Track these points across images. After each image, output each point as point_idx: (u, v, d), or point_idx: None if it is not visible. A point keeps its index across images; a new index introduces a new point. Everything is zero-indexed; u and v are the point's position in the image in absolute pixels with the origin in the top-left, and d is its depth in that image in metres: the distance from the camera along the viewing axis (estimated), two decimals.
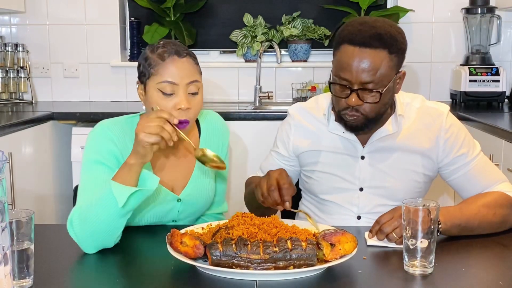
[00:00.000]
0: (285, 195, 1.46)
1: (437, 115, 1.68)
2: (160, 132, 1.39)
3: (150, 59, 1.53)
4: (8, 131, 2.68)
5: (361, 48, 1.51)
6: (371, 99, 1.55)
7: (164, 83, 1.51)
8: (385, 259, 1.38)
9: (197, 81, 1.55)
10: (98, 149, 1.54)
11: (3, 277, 0.92)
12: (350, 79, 1.53)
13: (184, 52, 1.54)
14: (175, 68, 1.51)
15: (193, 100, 1.54)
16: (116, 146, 1.56)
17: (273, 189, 1.46)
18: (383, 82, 1.54)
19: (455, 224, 1.47)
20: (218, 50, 3.85)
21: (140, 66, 1.56)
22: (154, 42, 1.63)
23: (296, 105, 1.81)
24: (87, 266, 1.34)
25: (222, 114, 3.15)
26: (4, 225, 0.91)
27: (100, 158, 1.52)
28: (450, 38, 3.65)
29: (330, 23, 3.70)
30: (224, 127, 1.80)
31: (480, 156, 1.67)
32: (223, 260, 1.21)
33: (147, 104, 1.56)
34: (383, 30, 1.52)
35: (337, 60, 1.56)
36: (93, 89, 3.73)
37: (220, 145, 1.76)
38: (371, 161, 1.69)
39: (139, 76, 1.57)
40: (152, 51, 1.54)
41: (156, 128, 1.38)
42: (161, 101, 1.51)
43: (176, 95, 1.51)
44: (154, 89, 1.52)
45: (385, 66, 1.52)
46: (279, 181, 1.47)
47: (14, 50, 3.59)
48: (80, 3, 3.67)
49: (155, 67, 1.52)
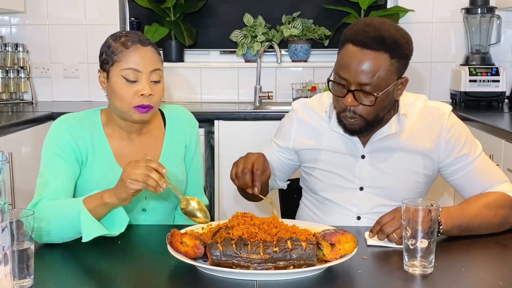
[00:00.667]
0: (256, 180, 1.52)
1: (439, 115, 1.67)
2: (146, 180, 1.38)
3: (113, 47, 1.58)
4: (8, 131, 2.68)
5: (362, 49, 1.51)
6: (367, 101, 1.54)
7: (127, 70, 1.56)
8: (385, 259, 1.38)
9: (159, 69, 1.61)
10: (57, 141, 1.60)
11: (3, 277, 0.92)
12: (348, 79, 1.53)
13: (146, 42, 1.60)
14: (138, 56, 1.57)
15: (155, 87, 1.59)
16: (72, 138, 1.61)
17: (246, 171, 1.52)
18: (380, 86, 1.53)
19: (456, 225, 1.47)
20: (218, 50, 3.85)
21: (103, 54, 1.61)
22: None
23: (300, 101, 1.81)
24: (87, 266, 1.34)
25: (222, 114, 3.21)
26: (4, 225, 0.91)
27: (58, 151, 1.58)
28: (450, 38, 3.65)
29: (330, 23, 3.70)
30: (191, 120, 1.82)
31: (482, 156, 1.67)
32: (223, 260, 1.21)
33: (109, 91, 1.61)
34: (387, 34, 1.51)
35: (339, 59, 1.57)
36: (93, 89, 3.73)
37: (188, 137, 1.78)
38: (372, 161, 1.69)
39: (101, 64, 1.62)
40: (115, 39, 1.60)
41: (143, 176, 1.38)
42: (124, 87, 1.57)
43: (139, 82, 1.57)
44: (117, 76, 1.57)
45: (385, 70, 1.51)
46: (254, 165, 1.52)
47: (14, 50, 3.59)
48: (80, 3, 3.67)
49: (119, 54, 1.57)
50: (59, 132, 1.62)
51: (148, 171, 1.39)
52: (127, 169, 1.41)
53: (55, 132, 1.63)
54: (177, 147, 1.75)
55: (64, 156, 1.59)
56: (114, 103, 1.61)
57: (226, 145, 3.16)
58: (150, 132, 1.73)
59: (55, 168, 1.57)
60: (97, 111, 1.70)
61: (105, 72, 1.61)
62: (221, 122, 3.16)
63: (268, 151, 1.82)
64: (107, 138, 1.66)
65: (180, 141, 1.76)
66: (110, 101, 1.64)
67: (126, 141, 1.68)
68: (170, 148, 1.74)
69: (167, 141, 1.74)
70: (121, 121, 1.65)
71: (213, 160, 3.24)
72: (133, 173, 1.39)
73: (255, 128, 3.13)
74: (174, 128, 1.76)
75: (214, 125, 3.16)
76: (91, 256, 1.38)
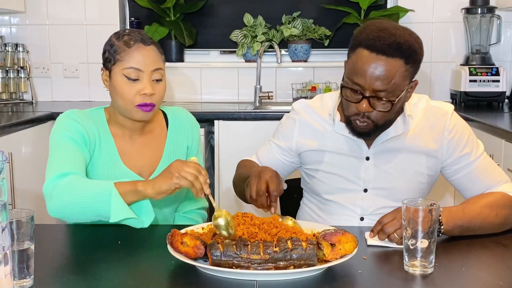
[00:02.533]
0: (273, 201, 1.48)
1: (441, 115, 1.67)
2: (194, 180, 1.42)
3: (116, 46, 1.59)
4: (8, 131, 2.68)
5: (378, 55, 1.48)
6: (382, 107, 1.53)
7: (129, 69, 1.58)
8: (385, 259, 1.38)
9: (161, 68, 1.63)
10: (68, 127, 1.60)
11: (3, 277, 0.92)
12: (363, 85, 1.50)
13: (149, 41, 1.61)
14: (140, 55, 1.58)
15: (157, 86, 1.61)
16: (83, 127, 1.61)
17: (261, 194, 1.47)
18: (395, 92, 1.51)
19: (457, 225, 1.47)
20: (218, 50, 3.85)
21: (106, 52, 1.62)
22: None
23: (301, 102, 1.79)
24: (87, 266, 1.34)
25: (223, 114, 3.21)
26: (4, 225, 0.91)
27: (69, 134, 1.58)
28: (450, 38, 3.65)
29: (330, 23, 3.70)
30: (194, 122, 1.83)
31: (484, 156, 1.67)
32: (223, 260, 1.21)
33: (111, 89, 1.62)
34: (403, 40, 1.50)
35: (352, 63, 1.53)
36: (93, 89, 3.73)
37: (190, 139, 1.79)
38: (376, 162, 1.68)
39: (104, 63, 1.63)
40: (118, 38, 1.61)
41: (192, 175, 1.42)
42: (126, 86, 1.58)
43: (140, 81, 1.59)
44: (119, 75, 1.59)
45: (400, 76, 1.50)
46: (269, 186, 1.47)
47: (14, 50, 3.59)
48: (80, 3, 3.67)
49: (121, 53, 1.58)
50: (69, 121, 1.62)
51: (198, 172, 1.42)
52: (177, 164, 1.44)
53: (64, 120, 1.63)
54: (179, 147, 1.76)
55: (77, 139, 1.59)
56: (117, 101, 1.62)
57: (226, 145, 3.16)
58: (153, 131, 1.74)
59: (70, 150, 1.57)
60: (100, 109, 1.72)
61: (108, 71, 1.63)
62: (221, 122, 3.16)
63: (267, 151, 1.81)
64: (112, 135, 1.68)
65: (182, 142, 1.77)
66: (113, 99, 1.65)
67: (128, 140, 1.70)
68: (172, 147, 1.75)
69: (170, 141, 1.75)
70: (124, 119, 1.66)
71: (213, 160, 3.24)
72: (184, 170, 1.42)
73: (255, 128, 3.13)
74: (176, 128, 1.77)
75: (214, 125, 3.16)
76: (91, 256, 1.38)
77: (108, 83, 1.64)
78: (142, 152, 1.70)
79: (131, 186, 1.47)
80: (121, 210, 1.44)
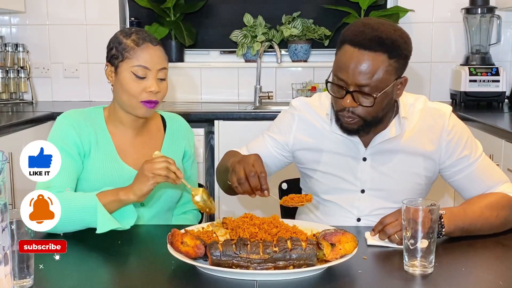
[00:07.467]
0: (264, 183, 1.45)
1: (439, 116, 1.67)
2: (167, 173, 1.49)
3: (125, 44, 1.65)
4: (8, 131, 2.68)
5: (360, 50, 1.49)
6: (366, 102, 1.53)
7: (138, 67, 1.63)
8: (385, 259, 1.38)
9: (166, 68, 1.69)
10: (61, 136, 1.65)
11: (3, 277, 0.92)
12: (346, 80, 1.52)
13: (156, 41, 1.68)
14: (148, 55, 1.64)
15: (161, 84, 1.67)
16: (76, 133, 1.65)
17: (253, 175, 1.44)
18: (379, 86, 1.52)
19: (459, 227, 1.46)
20: (218, 50, 3.85)
21: (113, 49, 1.67)
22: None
23: (300, 99, 1.78)
24: (87, 266, 1.34)
25: (223, 114, 3.20)
26: (4, 225, 0.91)
27: (63, 145, 1.62)
28: (450, 38, 3.65)
29: (330, 23, 3.70)
30: (189, 129, 1.90)
31: (483, 157, 1.67)
32: (223, 260, 1.21)
33: (117, 84, 1.67)
34: (385, 34, 1.50)
35: (337, 60, 1.56)
36: (93, 89, 3.73)
37: (188, 144, 1.85)
38: (373, 163, 1.68)
39: (110, 59, 1.68)
40: (126, 36, 1.66)
41: (164, 169, 1.49)
42: (133, 83, 1.64)
43: (147, 79, 1.64)
44: (127, 72, 1.64)
45: (383, 70, 1.50)
46: (256, 168, 1.46)
47: (14, 50, 3.59)
48: (80, 3, 3.67)
49: (130, 51, 1.64)
50: (64, 127, 1.66)
51: (168, 164, 1.49)
52: (146, 165, 1.50)
53: (60, 126, 1.67)
54: (176, 148, 1.81)
55: (69, 151, 1.63)
56: (121, 96, 1.66)
57: (226, 145, 3.15)
58: (150, 132, 1.78)
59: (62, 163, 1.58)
60: (99, 109, 1.75)
61: (113, 67, 1.67)
62: (221, 122, 3.16)
63: (259, 144, 1.79)
64: (109, 133, 1.71)
65: (180, 145, 1.82)
66: (117, 95, 1.68)
67: (127, 138, 1.73)
68: (169, 148, 1.78)
69: (167, 142, 1.80)
70: (125, 115, 1.71)
71: (213, 160, 3.24)
72: (154, 167, 1.49)
73: (255, 128, 3.12)
74: (174, 131, 1.82)
75: (214, 125, 3.16)
76: (91, 256, 1.38)
77: (112, 78, 1.68)
78: (140, 149, 1.74)
79: (113, 196, 1.52)
80: (107, 222, 1.49)
